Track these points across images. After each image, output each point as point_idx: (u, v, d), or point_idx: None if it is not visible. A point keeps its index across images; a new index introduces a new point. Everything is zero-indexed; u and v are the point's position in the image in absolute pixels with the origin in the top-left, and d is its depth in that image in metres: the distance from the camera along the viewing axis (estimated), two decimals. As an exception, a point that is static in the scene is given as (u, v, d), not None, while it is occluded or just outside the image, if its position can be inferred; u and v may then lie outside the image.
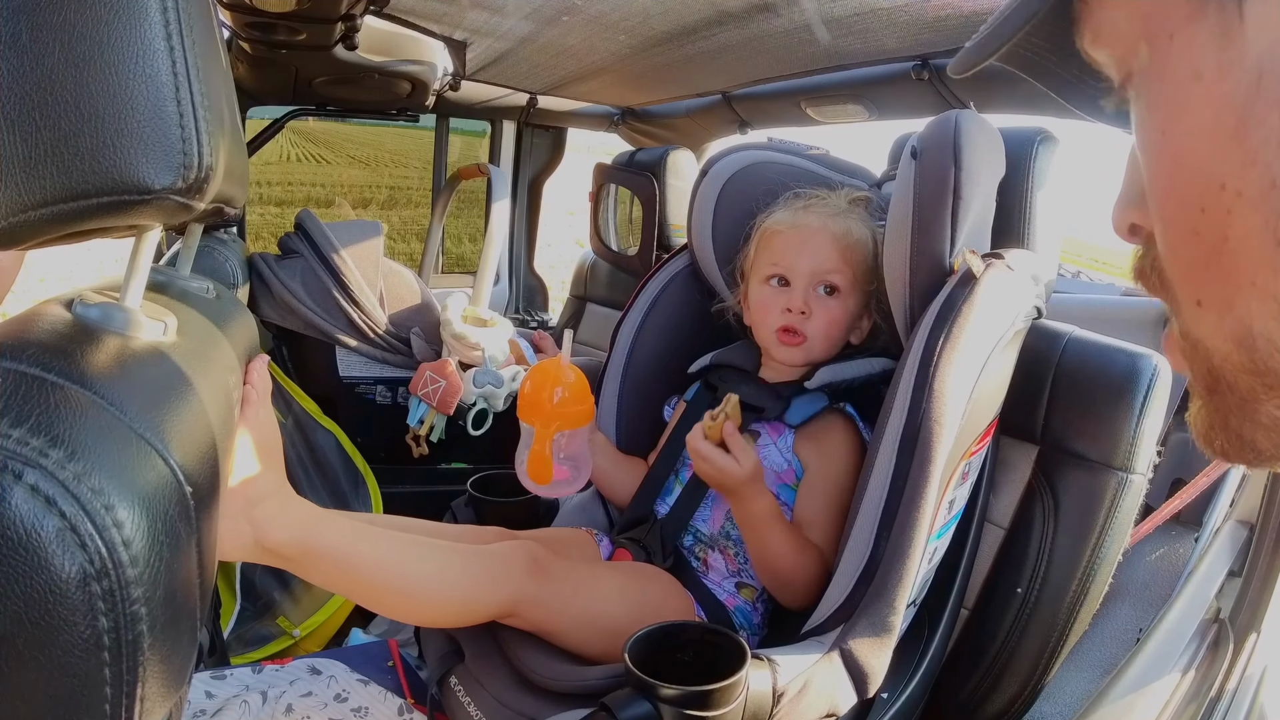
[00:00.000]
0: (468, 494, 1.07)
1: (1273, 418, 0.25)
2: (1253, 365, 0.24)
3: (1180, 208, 0.25)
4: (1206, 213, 0.23)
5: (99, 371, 0.37)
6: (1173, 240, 0.26)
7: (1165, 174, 0.25)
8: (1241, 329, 0.24)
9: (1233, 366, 0.25)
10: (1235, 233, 0.23)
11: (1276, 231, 0.22)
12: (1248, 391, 0.25)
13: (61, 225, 0.36)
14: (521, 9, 1.26)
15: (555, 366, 0.85)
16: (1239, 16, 0.22)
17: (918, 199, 0.85)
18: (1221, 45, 0.22)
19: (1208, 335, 0.26)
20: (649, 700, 0.64)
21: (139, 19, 0.36)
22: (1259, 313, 0.23)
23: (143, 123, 0.36)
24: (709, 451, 0.83)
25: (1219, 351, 0.25)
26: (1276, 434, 0.26)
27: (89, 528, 0.31)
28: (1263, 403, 0.25)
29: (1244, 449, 0.27)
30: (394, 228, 2.38)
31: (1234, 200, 0.22)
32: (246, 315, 0.79)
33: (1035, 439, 0.96)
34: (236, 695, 0.94)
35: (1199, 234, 0.24)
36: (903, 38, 1.19)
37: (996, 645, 0.94)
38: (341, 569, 0.69)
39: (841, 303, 0.96)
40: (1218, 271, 0.24)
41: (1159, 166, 0.25)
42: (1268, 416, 0.25)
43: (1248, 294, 0.23)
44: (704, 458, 0.84)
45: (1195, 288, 0.25)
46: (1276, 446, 0.26)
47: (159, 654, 0.34)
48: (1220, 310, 0.24)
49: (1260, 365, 0.24)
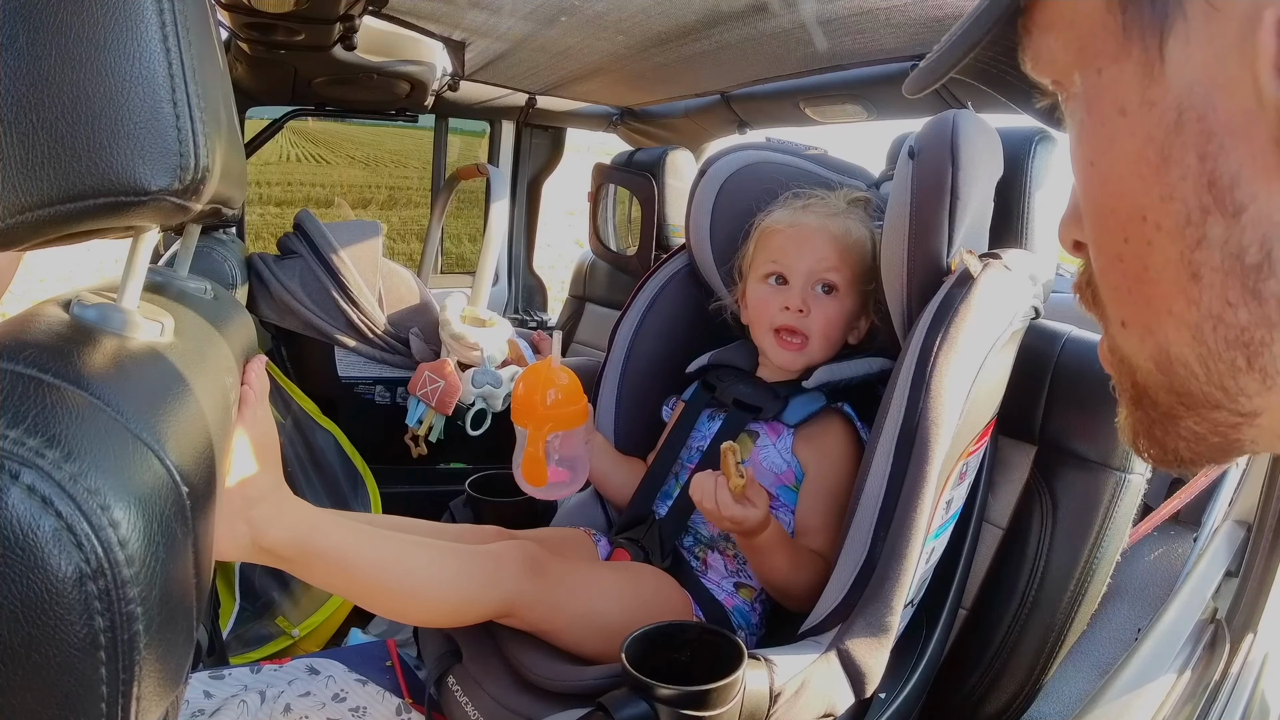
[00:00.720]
0: (466, 494, 1.07)
1: (1192, 432, 0.27)
2: (1170, 385, 0.25)
3: (1107, 234, 0.26)
4: (1129, 242, 0.24)
5: (96, 372, 0.37)
6: (1101, 263, 0.27)
7: (1094, 201, 0.26)
8: (1160, 352, 0.25)
9: (1154, 384, 0.26)
10: (1154, 263, 0.24)
11: (1191, 265, 0.22)
12: (1168, 408, 0.27)
13: (58, 227, 0.36)
14: (520, 9, 1.26)
15: (546, 368, 0.85)
16: (1160, 57, 0.23)
17: (915, 199, 0.85)
18: (1145, 84, 0.23)
19: (1132, 354, 0.27)
20: (646, 700, 0.64)
21: (135, 20, 0.36)
22: (1175, 339, 0.24)
23: (139, 124, 0.36)
24: (730, 512, 0.79)
25: (1142, 369, 0.27)
26: (1196, 444, 0.27)
27: (85, 527, 0.31)
28: (1182, 419, 0.26)
29: (1167, 456, 0.28)
30: (393, 228, 2.38)
31: (1154, 233, 0.23)
32: (244, 316, 0.79)
33: (1033, 439, 0.96)
34: (235, 695, 0.94)
35: (1123, 260, 0.25)
36: (901, 37, 1.19)
37: (995, 645, 0.94)
38: (339, 569, 0.69)
39: (839, 302, 0.96)
40: (1140, 297, 0.25)
41: (1088, 193, 0.27)
42: (1187, 430, 0.27)
43: (1165, 321, 0.24)
44: (728, 519, 0.80)
45: (1121, 309, 0.27)
46: (1196, 454, 0.27)
47: (155, 653, 0.34)
48: (1142, 333, 0.26)
49: (1179, 386, 0.25)
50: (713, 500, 0.80)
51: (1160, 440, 0.28)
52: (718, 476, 0.80)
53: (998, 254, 0.85)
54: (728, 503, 0.79)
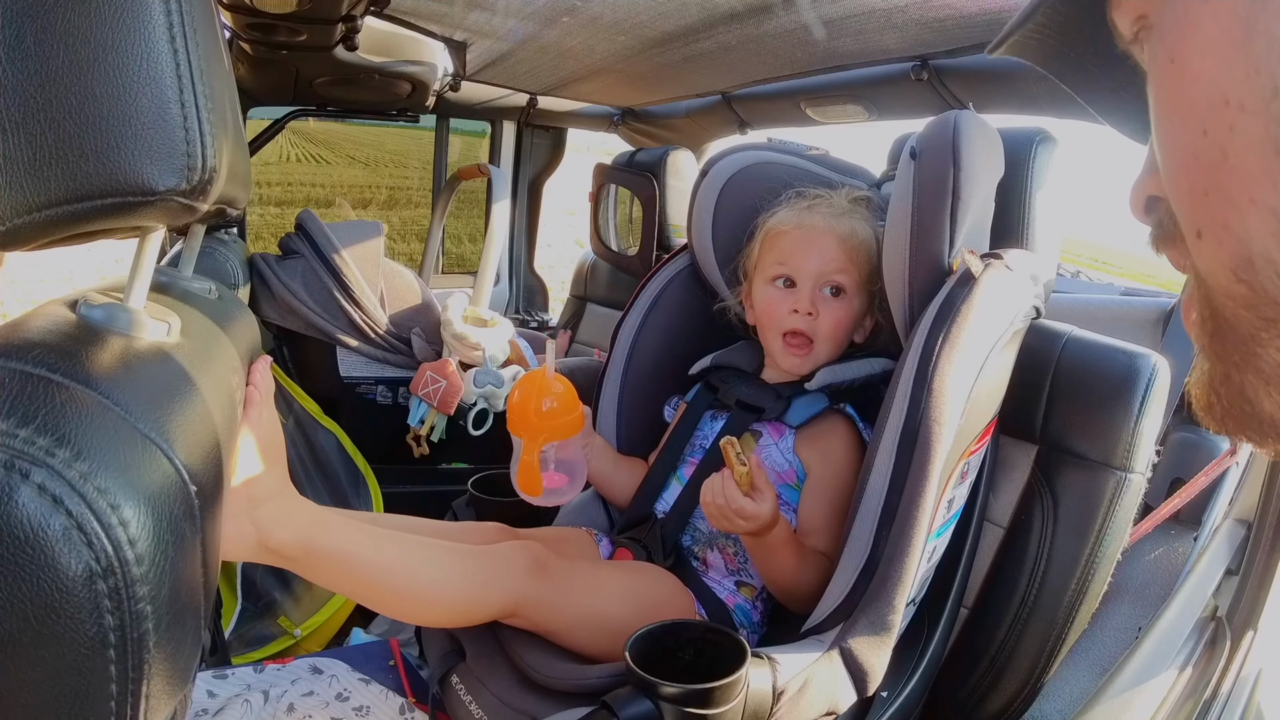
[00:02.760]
0: (469, 494, 1.07)
1: (1274, 365, 0.25)
2: (1252, 296, 0.24)
3: (1183, 132, 0.25)
4: (1209, 134, 0.24)
5: (104, 372, 0.37)
6: (1174, 172, 0.26)
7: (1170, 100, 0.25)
8: (1240, 253, 0.24)
9: (1235, 301, 0.25)
10: (1235, 148, 0.23)
11: (1277, 139, 0.22)
12: (1248, 332, 0.25)
13: (66, 227, 0.36)
14: (522, 10, 1.26)
15: (542, 377, 0.85)
16: None
17: (917, 199, 0.85)
18: None
19: (1207, 269, 0.26)
20: (650, 698, 0.64)
21: (143, 22, 0.36)
22: (1258, 231, 0.23)
23: (147, 125, 0.37)
24: (739, 504, 0.78)
25: (1219, 287, 0.25)
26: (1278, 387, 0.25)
27: (95, 526, 0.31)
28: (1264, 345, 0.25)
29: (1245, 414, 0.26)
30: (394, 228, 2.38)
31: (1236, 115, 0.23)
32: (248, 316, 0.79)
33: (1034, 438, 0.96)
34: (238, 694, 0.95)
35: (1199, 158, 0.24)
36: (902, 38, 1.19)
37: (996, 644, 0.94)
38: (344, 569, 0.70)
39: (847, 304, 0.96)
40: (1218, 193, 0.24)
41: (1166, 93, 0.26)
42: (1269, 363, 0.25)
43: (1246, 212, 0.23)
44: (736, 512, 0.79)
45: (1196, 215, 0.25)
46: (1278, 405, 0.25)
47: (164, 652, 0.34)
48: (1220, 234, 0.24)
49: (1259, 294, 0.24)
50: (720, 495, 0.79)
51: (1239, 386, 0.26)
52: (724, 472, 0.80)
53: (999, 254, 0.85)
54: (735, 495, 0.79)
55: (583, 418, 0.90)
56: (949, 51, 1.21)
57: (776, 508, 0.80)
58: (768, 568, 0.87)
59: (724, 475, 0.80)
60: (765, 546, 0.84)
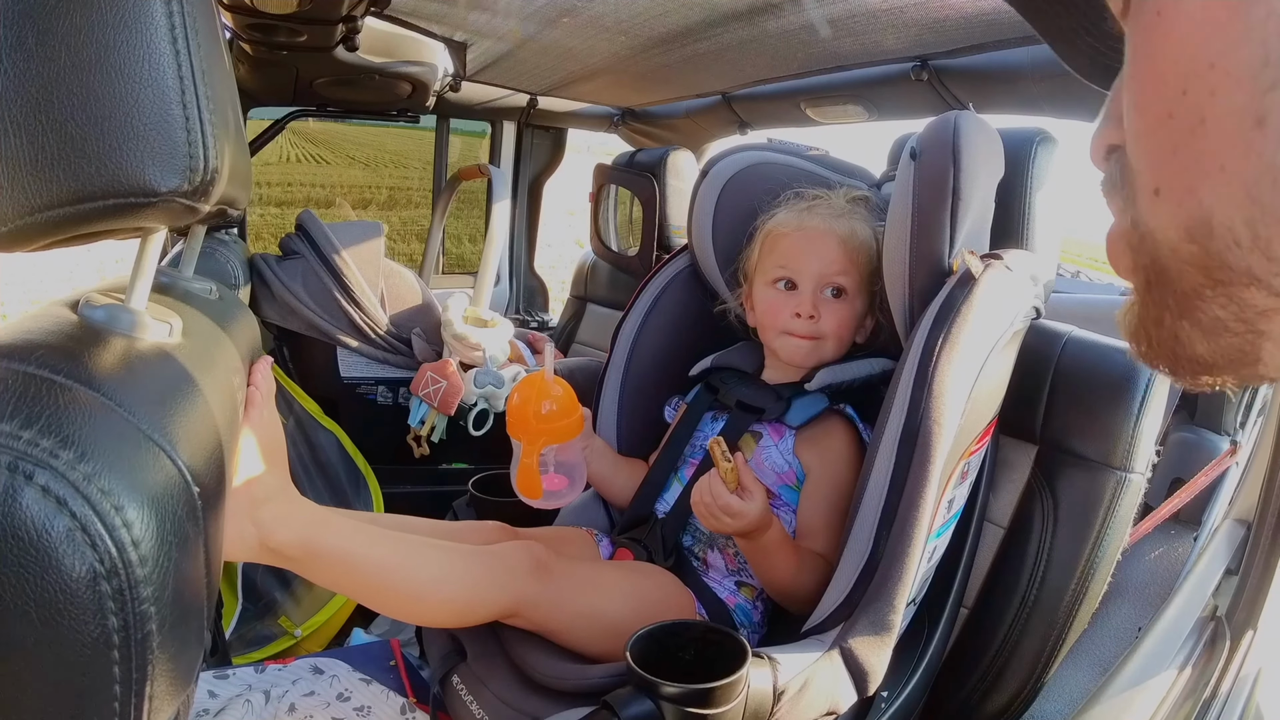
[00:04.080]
0: (469, 494, 1.07)
1: (1214, 319, 0.24)
2: (1204, 258, 0.24)
3: (1160, 89, 0.24)
4: (1188, 94, 0.23)
5: (106, 373, 0.37)
6: (1142, 128, 0.25)
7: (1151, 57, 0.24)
8: (1198, 218, 0.23)
9: (1182, 258, 0.24)
10: (1214, 113, 0.22)
11: (1259, 111, 0.21)
12: (1191, 288, 0.24)
13: (68, 228, 0.36)
14: (522, 10, 1.26)
15: (541, 380, 0.85)
16: None
17: (917, 200, 0.85)
18: None
19: (1160, 226, 0.25)
20: (651, 698, 0.64)
21: (145, 23, 0.36)
22: (1223, 199, 0.23)
23: (149, 126, 0.37)
24: (725, 501, 0.79)
25: (1168, 243, 0.25)
26: (1214, 338, 0.25)
27: (99, 528, 0.31)
28: (1206, 300, 0.24)
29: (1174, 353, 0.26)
30: (394, 228, 2.38)
31: (1220, 79, 0.22)
32: (249, 316, 0.80)
33: (1034, 438, 0.96)
34: (239, 695, 0.95)
35: (1174, 117, 0.23)
36: (902, 38, 1.19)
37: (996, 644, 0.94)
38: (345, 570, 0.70)
39: (849, 304, 0.96)
40: (1187, 155, 0.23)
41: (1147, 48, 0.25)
42: (1208, 317, 0.24)
43: (1214, 179, 0.23)
44: (723, 509, 0.79)
45: (1158, 174, 0.25)
46: (1216, 353, 0.25)
47: (167, 653, 0.34)
48: (1181, 196, 0.24)
49: (1213, 258, 0.23)
50: (708, 494, 0.80)
51: (1171, 329, 0.25)
52: (713, 472, 0.81)
53: (999, 254, 0.86)
54: (721, 492, 0.79)
55: (582, 420, 0.90)
56: (949, 52, 1.21)
57: (766, 507, 0.81)
58: (763, 570, 0.87)
59: (713, 474, 0.80)
60: (759, 548, 0.84)
